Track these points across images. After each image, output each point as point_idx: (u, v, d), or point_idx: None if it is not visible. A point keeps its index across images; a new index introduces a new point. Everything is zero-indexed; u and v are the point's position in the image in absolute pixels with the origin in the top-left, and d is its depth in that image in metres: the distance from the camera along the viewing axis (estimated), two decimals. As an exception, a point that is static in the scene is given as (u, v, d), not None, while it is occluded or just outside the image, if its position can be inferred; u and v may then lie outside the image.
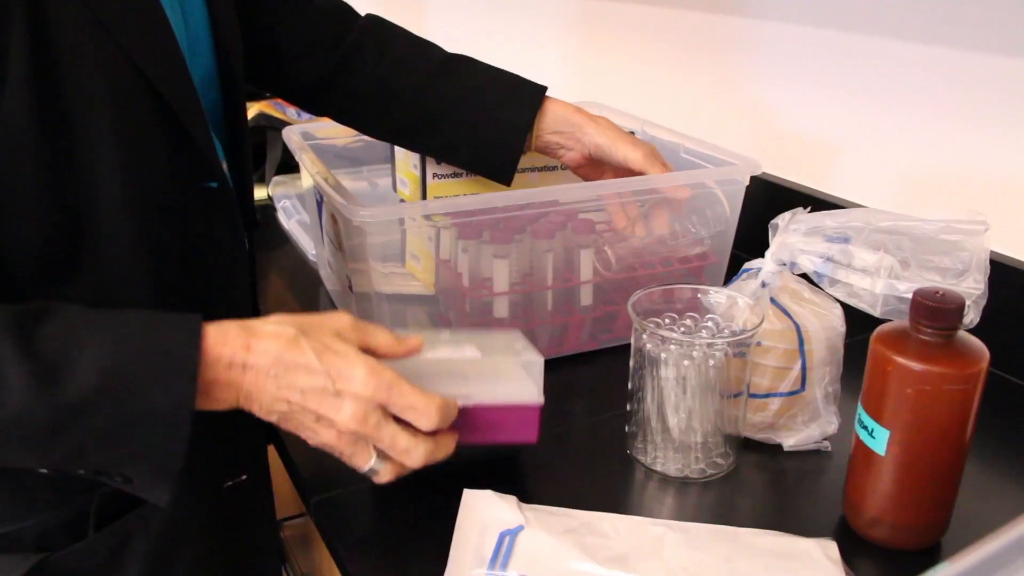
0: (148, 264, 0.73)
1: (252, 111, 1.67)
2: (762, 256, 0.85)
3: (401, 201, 1.18)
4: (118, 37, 0.67)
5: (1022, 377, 0.99)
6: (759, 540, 0.71)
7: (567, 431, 0.91)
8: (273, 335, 0.68)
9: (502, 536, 0.72)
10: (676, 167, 1.13)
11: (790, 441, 0.86)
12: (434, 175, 1.10)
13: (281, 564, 1.02)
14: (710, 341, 0.80)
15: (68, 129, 0.66)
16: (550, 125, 1.02)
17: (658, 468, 0.84)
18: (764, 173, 1.06)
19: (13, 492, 0.74)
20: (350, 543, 0.76)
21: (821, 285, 0.80)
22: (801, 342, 0.83)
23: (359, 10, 1.06)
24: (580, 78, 1.75)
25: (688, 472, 0.83)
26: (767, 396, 0.85)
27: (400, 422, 0.69)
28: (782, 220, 0.84)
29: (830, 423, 0.86)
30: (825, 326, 0.84)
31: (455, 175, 1.10)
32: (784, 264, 0.83)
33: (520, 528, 0.73)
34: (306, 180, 1.21)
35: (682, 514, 0.78)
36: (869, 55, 1.14)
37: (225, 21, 0.83)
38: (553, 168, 1.15)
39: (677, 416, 0.82)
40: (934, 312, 0.67)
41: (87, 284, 0.70)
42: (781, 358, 0.84)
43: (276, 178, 1.60)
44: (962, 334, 0.69)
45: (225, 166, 0.83)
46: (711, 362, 0.79)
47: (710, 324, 0.85)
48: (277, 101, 1.74)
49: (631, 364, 0.84)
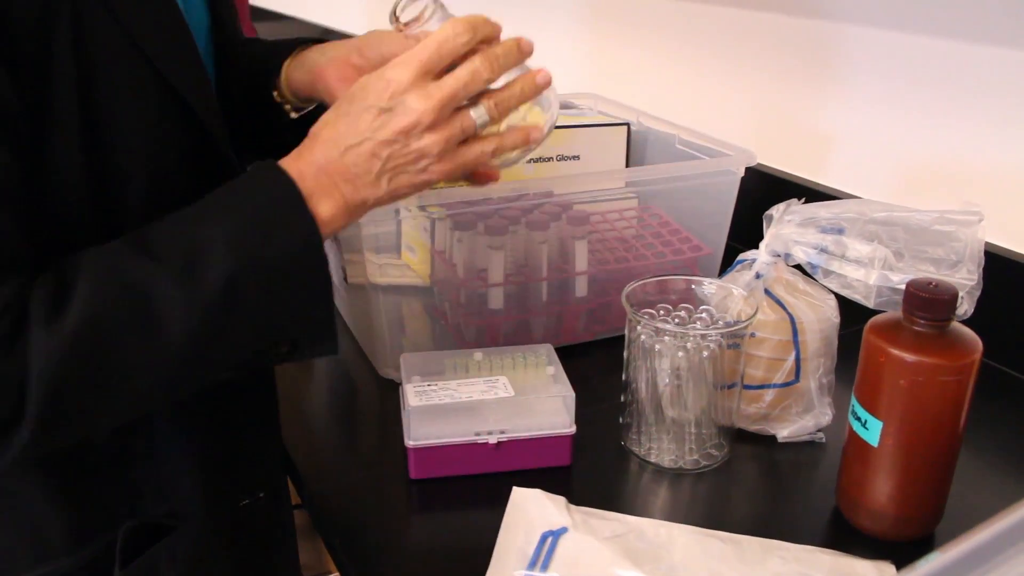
0: None
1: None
2: (756, 247, 0.85)
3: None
4: (147, 51, 0.66)
5: (1016, 368, 0.99)
6: (814, 558, 0.70)
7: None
8: (320, 129, 0.68)
9: (544, 537, 0.72)
10: (672, 158, 1.13)
11: (784, 432, 0.86)
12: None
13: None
14: (704, 332, 0.80)
15: (108, 149, 0.65)
16: (294, 65, 0.90)
17: (652, 459, 0.84)
18: (759, 164, 1.06)
19: (27, 538, 0.71)
20: (346, 537, 0.76)
21: (815, 276, 0.80)
22: (795, 333, 0.83)
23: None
24: (575, 70, 1.75)
25: (682, 463, 0.83)
26: (761, 387, 0.85)
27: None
28: (776, 211, 0.84)
29: (824, 414, 0.86)
30: (819, 317, 0.84)
31: None
32: (778, 255, 0.83)
33: (564, 530, 0.72)
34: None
35: (676, 505, 0.79)
36: (864, 47, 1.14)
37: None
38: (548, 159, 1.15)
39: (671, 407, 0.82)
40: (927, 303, 0.67)
41: None
42: (775, 349, 0.84)
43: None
44: (955, 325, 0.69)
45: None
46: (705, 353, 0.79)
47: (704, 315, 0.85)
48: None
49: (625, 355, 0.84)
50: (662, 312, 0.85)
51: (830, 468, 0.81)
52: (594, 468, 0.83)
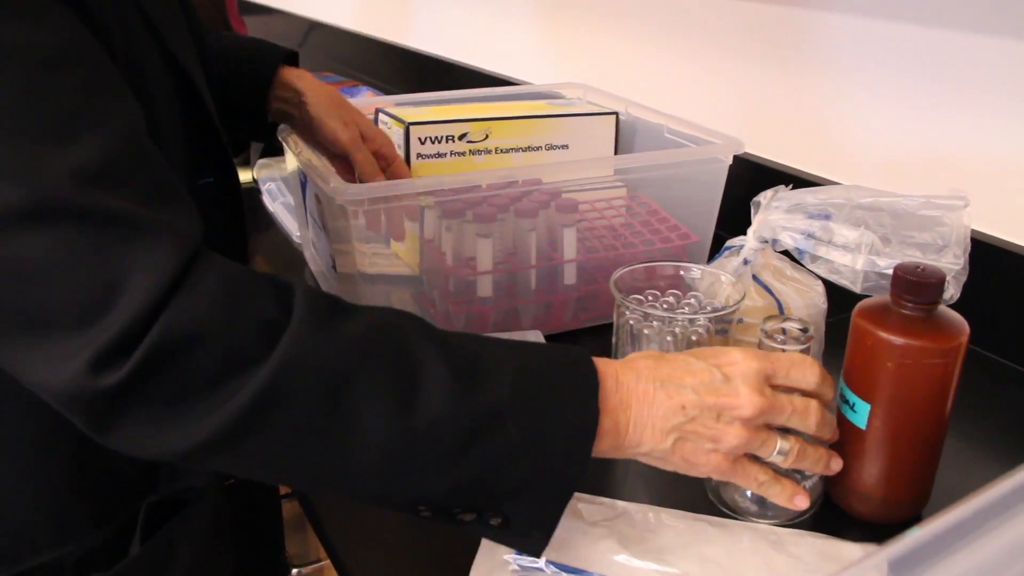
0: None
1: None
2: (744, 235, 0.86)
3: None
4: (154, 21, 0.68)
5: (1001, 354, 1.00)
6: (802, 540, 0.71)
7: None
8: (643, 356, 0.66)
9: None
10: (660, 147, 1.14)
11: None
12: (418, 155, 1.09)
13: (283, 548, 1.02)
14: (691, 317, 0.80)
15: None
16: (278, 91, 1.00)
17: (641, 445, 0.84)
18: (747, 153, 1.07)
19: (51, 516, 0.71)
20: (340, 528, 0.76)
21: (802, 261, 0.81)
22: (783, 319, 0.84)
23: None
24: (567, 59, 1.75)
25: (671, 448, 0.83)
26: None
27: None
28: (764, 198, 0.84)
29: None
30: (807, 303, 0.85)
31: (438, 156, 1.10)
32: (766, 241, 0.84)
33: None
34: (290, 162, 1.20)
35: (664, 490, 0.79)
36: (851, 35, 1.15)
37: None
38: (537, 148, 1.15)
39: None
40: (915, 286, 0.68)
41: None
42: (763, 335, 0.84)
43: (261, 161, 1.60)
44: (943, 309, 0.70)
45: None
46: (693, 338, 0.80)
47: (692, 301, 0.86)
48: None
49: (613, 341, 0.84)
50: (650, 298, 0.86)
51: (818, 452, 0.82)
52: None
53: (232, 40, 1.04)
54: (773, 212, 0.82)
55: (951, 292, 0.73)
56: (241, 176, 0.92)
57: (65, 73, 0.55)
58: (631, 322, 0.81)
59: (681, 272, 0.87)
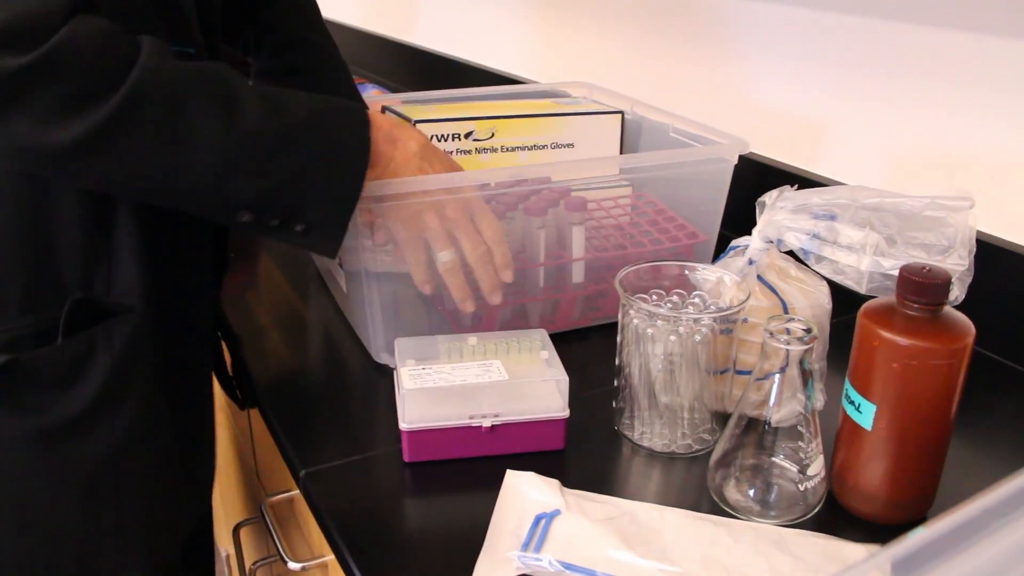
0: None
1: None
2: (748, 235, 0.86)
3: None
4: None
5: (1007, 356, 1.00)
6: (805, 541, 0.71)
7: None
8: (416, 130, 0.88)
9: (537, 519, 0.72)
10: (665, 146, 1.14)
11: (775, 416, 0.87)
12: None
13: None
14: (696, 316, 0.80)
15: None
16: None
17: (645, 443, 0.84)
18: (752, 153, 1.07)
19: None
20: (340, 516, 0.76)
21: (807, 262, 0.81)
22: (788, 319, 0.84)
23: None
24: (573, 59, 1.75)
25: (674, 447, 0.84)
26: (752, 373, 0.85)
27: None
28: (769, 198, 0.84)
29: (816, 400, 0.87)
30: (812, 303, 0.85)
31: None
32: (771, 241, 0.84)
33: (557, 512, 0.73)
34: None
35: (668, 489, 0.79)
36: (856, 35, 1.14)
37: None
38: (543, 147, 1.15)
39: (664, 392, 0.82)
40: (921, 287, 0.68)
41: None
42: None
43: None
44: (948, 310, 0.70)
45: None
46: (697, 338, 0.80)
47: (697, 300, 0.86)
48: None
49: (618, 340, 0.84)
50: (655, 297, 0.86)
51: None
52: (587, 452, 0.84)
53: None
54: (778, 212, 0.82)
55: (956, 293, 0.73)
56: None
57: None
58: (636, 321, 0.81)
59: (686, 272, 0.87)
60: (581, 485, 0.77)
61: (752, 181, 1.04)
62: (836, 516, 0.75)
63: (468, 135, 1.11)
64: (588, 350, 1.01)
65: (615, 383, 0.86)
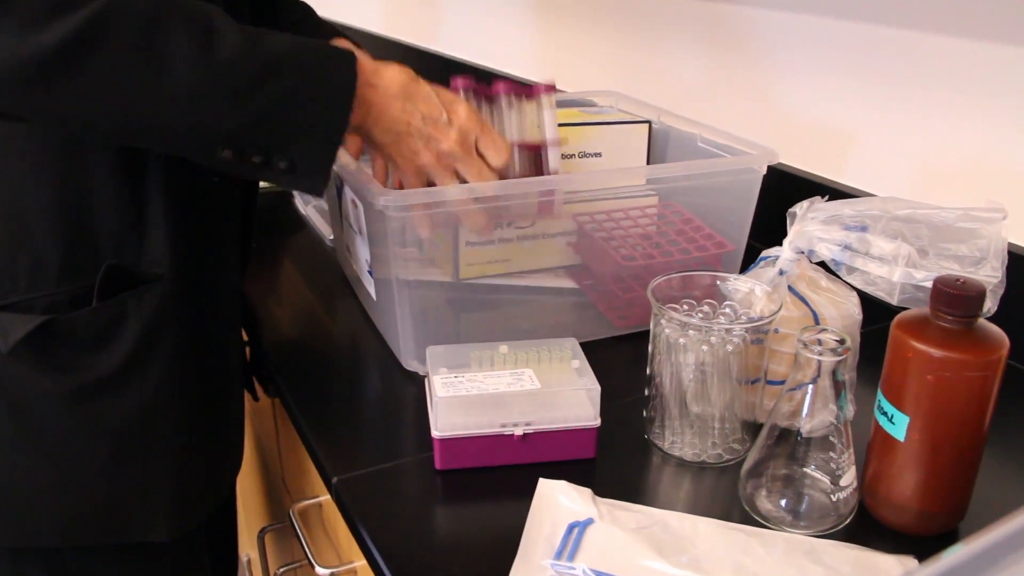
0: None
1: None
2: (775, 246, 0.86)
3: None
4: None
5: (1036, 367, 1.00)
6: (836, 551, 0.71)
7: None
8: (397, 70, 0.85)
9: (570, 528, 0.73)
10: (693, 157, 1.14)
11: (807, 427, 0.87)
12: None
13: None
14: (728, 327, 0.81)
15: None
16: None
17: (675, 453, 0.84)
18: (780, 163, 1.07)
19: (28, 264, 0.83)
20: (373, 522, 0.76)
21: (838, 273, 0.81)
22: (819, 330, 0.84)
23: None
24: (598, 67, 1.76)
25: (705, 457, 0.84)
26: (783, 383, 0.86)
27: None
28: (800, 208, 0.84)
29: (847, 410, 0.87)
30: (842, 314, 0.85)
31: None
32: (802, 252, 0.84)
33: (590, 521, 0.73)
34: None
35: (699, 498, 0.79)
36: (885, 45, 1.15)
37: None
38: (570, 156, 1.16)
39: (695, 402, 0.83)
40: (955, 299, 0.68)
41: None
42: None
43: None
44: (982, 322, 0.70)
45: None
46: (729, 348, 0.80)
47: (728, 311, 0.86)
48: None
49: (649, 349, 0.84)
50: (686, 307, 0.86)
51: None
52: (618, 461, 0.84)
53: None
54: (809, 223, 0.83)
55: (988, 305, 0.73)
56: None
57: None
58: (667, 331, 0.81)
59: (717, 282, 0.87)
60: (612, 494, 0.78)
61: (778, 190, 1.04)
62: (867, 527, 0.75)
63: (496, 144, 1.11)
64: (617, 359, 1.02)
65: (646, 392, 0.86)
